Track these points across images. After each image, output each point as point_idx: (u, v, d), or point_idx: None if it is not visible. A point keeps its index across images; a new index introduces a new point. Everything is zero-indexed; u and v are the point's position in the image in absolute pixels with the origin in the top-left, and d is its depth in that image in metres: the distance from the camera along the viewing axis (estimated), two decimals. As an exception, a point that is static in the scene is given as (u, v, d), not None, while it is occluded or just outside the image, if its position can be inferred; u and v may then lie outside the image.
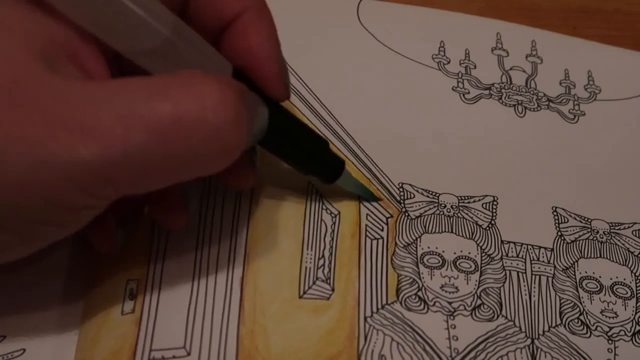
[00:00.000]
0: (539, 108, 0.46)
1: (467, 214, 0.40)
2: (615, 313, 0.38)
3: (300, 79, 0.44)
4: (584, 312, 0.38)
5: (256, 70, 0.33)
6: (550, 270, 0.39)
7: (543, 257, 0.39)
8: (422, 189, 0.40)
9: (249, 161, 0.35)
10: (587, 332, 0.37)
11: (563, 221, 0.41)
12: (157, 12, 0.29)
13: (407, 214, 0.39)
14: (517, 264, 0.39)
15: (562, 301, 0.38)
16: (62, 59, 0.29)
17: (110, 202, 0.30)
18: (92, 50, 0.30)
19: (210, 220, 0.37)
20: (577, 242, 0.40)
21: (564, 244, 0.40)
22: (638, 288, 0.39)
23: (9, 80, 0.27)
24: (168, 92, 0.28)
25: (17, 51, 0.28)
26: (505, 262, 0.38)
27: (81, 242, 0.37)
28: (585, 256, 0.40)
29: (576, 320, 0.37)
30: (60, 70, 0.28)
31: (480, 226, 0.39)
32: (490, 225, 0.40)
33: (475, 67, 0.47)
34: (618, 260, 0.40)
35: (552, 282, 0.38)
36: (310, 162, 0.37)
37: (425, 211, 0.40)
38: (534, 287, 0.38)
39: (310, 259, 0.37)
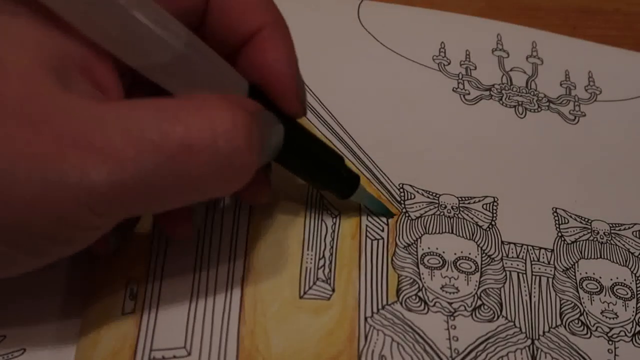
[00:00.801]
0: (539, 109, 0.46)
1: (467, 214, 0.40)
2: (616, 314, 0.38)
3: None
4: (584, 313, 0.38)
5: (273, 87, 0.33)
6: (551, 271, 0.39)
7: (543, 257, 0.39)
8: (423, 190, 0.40)
9: (263, 177, 0.35)
10: (587, 333, 0.37)
11: (563, 222, 0.41)
12: (169, 26, 0.29)
13: (407, 215, 0.39)
14: (518, 265, 0.39)
15: (562, 302, 0.38)
16: (75, 74, 0.29)
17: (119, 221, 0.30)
18: (106, 65, 0.30)
19: (211, 220, 0.37)
20: (578, 243, 0.40)
21: (564, 245, 0.40)
22: (638, 289, 0.39)
23: (21, 96, 0.27)
24: (180, 116, 0.28)
25: (30, 65, 0.27)
26: (506, 263, 0.38)
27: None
28: (586, 257, 0.40)
29: (576, 321, 0.37)
30: (73, 86, 0.28)
31: (480, 227, 0.39)
32: (490, 226, 0.40)
33: (475, 68, 0.47)
34: (618, 261, 0.40)
35: (553, 282, 0.38)
36: (326, 178, 0.37)
37: (426, 212, 0.40)
38: (534, 288, 0.38)
39: (311, 259, 0.37)
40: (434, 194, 0.40)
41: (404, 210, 0.39)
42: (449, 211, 0.40)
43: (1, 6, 0.28)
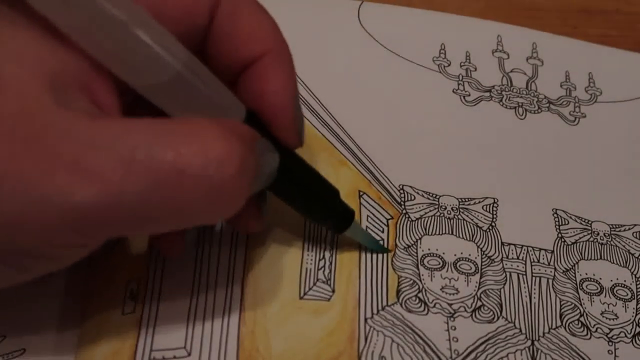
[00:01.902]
0: (539, 110, 0.46)
1: (467, 215, 0.40)
2: (616, 315, 0.38)
3: (301, 81, 0.44)
4: (584, 314, 0.38)
5: (270, 117, 0.33)
6: (551, 272, 0.39)
7: (543, 259, 0.39)
8: (423, 191, 0.40)
9: (255, 207, 0.34)
10: (587, 334, 0.37)
11: (563, 223, 0.41)
12: (169, 45, 0.29)
13: (407, 216, 0.39)
14: (518, 266, 0.39)
15: (562, 303, 0.38)
16: (72, 89, 0.28)
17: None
18: (105, 81, 0.29)
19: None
20: (578, 244, 0.40)
21: (565, 246, 0.40)
22: (638, 290, 0.39)
23: (15, 111, 0.27)
24: (172, 140, 0.27)
25: (28, 81, 0.27)
26: (506, 264, 0.38)
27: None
28: (586, 258, 0.40)
29: (576, 322, 0.37)
30: (69, 102, 0.28)
31: (480, 228, 0.39)
32: (490, 227, 0.40)
33: (475, 69, 0.47)
34: (618, 262, 0.40)
35: (553, 283, 0.38)
36: (319, 212, 0.36)
37: (426, 213, 0.40)
38: (534, 289, 0.38)
39: (311, 260, 0.37)
40: (434, 195, 0.40)
41: (404, 211, 0.39)
42: (449, 212, 0.40)
43: (2, 18, 0.28)
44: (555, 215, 0.41)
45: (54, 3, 0.27)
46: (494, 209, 0.40)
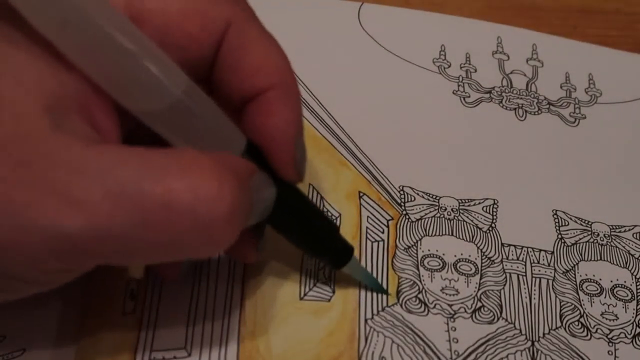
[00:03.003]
0: (539, 111, 0.46)
1: (467, 217, 0.40)
2: (616, 315, 0.38)
3: (302, 82, 0.44)
4: (584, 315, 0.38)
5: (271, 151, 0.32)
6: (551, 273, 0.39)
7: (543, 259, 0.39)
8: (423, 192, 0.41)
9: (252, 240, 0.34)
10: (587, 335, 0.37)
11: (563, 224, 0.41)
12: (169, 72, 0.28)
13: (407, 217, 0.39)
14: (518, 267, 0.39)
15: (562, 304, 0.38)
16: (70, 111, 0.28)
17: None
18: (104, 105, 0.29)
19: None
20: (578, 245, 0.40)
21: (565, 247, 0.40)
22: (638, 290, 0.39)
23: (9, 134, 0.26)
24: (163, 175, 0.27)
25: (25, 101, 0.27)
26: (506, 265, 0.39)
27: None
28: (586, 259, 0.40)
29: (576, 323, 0.37)
30: (66, 125, 0.27)
31: (480, 229, 0.39)
32: (490, 228, 0.40)
33: (475, 70, 0.47)
34: (618, 263, 0.40)
35: (553, 284, 0.38)
36: (317, 246, 0.35)
37: (426, 214, 0.40)
38: (534, 290, 0.38)
39: (311, 260, 0.37)
40: (434, 196, 0.40)
41: (404, 212, 0.39)
42: (449, 213, 0.40)
43: (3, 38, 0.28)
44: (555, 216, 0.41)
45: (56, 25, 0.27)
46: (494, 210, 0.40)
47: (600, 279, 0.39)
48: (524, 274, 0.38)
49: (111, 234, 0.26)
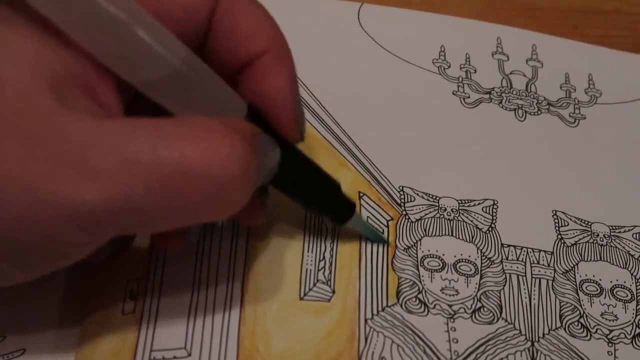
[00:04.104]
0: (539, 112, 0.46)
1: (467, 217, 0.40)
2: (616, 316, 0.38)
3: (301, 82, 0.44)
4: (584, 315, 0.38)
5: (271, 113, 0.33)
6: (551, 273, 0.39)
7: (543, 260, 0.39)
8: (423, 193, 0.41)
9: (258, 201, 0.35)
10: (587, 335, 0.37)
11: (563, 224, 0.41)
12: (168, 42, 0.29)
13: (407, 217, 0.39)
14: (517, 267, 0.39)
15: (562, 304, 0.38)
16: (73, 89, 0.28)
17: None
18: (106, 80, 0.29)
19: (211, 222, 0.37)
20: (578, 245, 0.40)
21: (564, 247, 0.40)
22: (638, 291, 0.39)
23: (18, 114, 0.27)
24: (176, 141, 0.27)
25: (29, 82, 0.27)
26: (505, 266, 0.39)
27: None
28: (586, 259, 0.40)
29: (576, 323, 0.37)
30: (71, 103, 0.28)
31: (480, 229, 0.40)
32: (490, 229, 0.40)
33: (475, 71, 0.47)
34: (618, 263, 0.40)
35: (552, 285, 0.38)
36: (321, 204, 0.36)
37: (426, 214, 0.40)
38: (534, 290, 0.38)
39: (311, 261, 0.37)
40: (434, 197, 0.40)
41: (404, 212, 0.39)
42: (448, 214, 0.40)
43: (1, 19, 0.28)
44: (555, 216, 0.41)
45: (53, 2, 0.27)
46: (494, 210, 0.40)
47: (600, 280, 0.39)
48: (524, 274, 0.38)
49: (130, 202, 0.27)
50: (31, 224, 0.27)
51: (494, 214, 0.40)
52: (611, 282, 0.39)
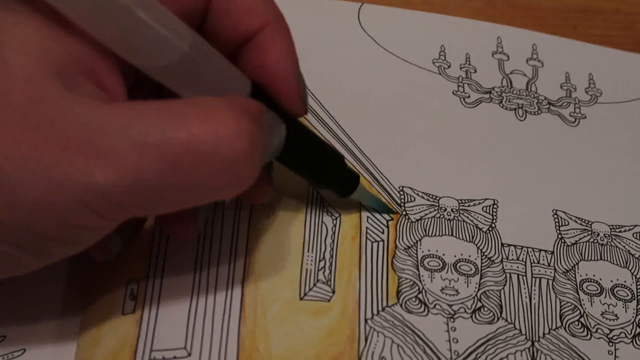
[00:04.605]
0: (539, 111, 0.46)
1: (467, 217, 0.40)
2: (616, 315, 0.38)
3: (301, 82, 0.44)
4: (585, 315, 0.38)
5: (274, 88, 0.33)
6: (551, 273, 0.39)
7: (543, 259, 0.39)
8: (423, 192, 0.41)
9: (265, 177, 0.35)
10: (587, 335, 0.37)
11: (563, 224, 0.41)
12: (174, 27, 0.29)
13: (407, 217, 0.39)
14: (518, 267, 0.39)
15: (562, 304, 0.38)
16: (78, 75, 0.29)
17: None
18: (110, 66, 0.30)
19: (211, 221, 0.37)
20: (578, 245, 0.40)
21: (565, 247, 0.40)
22: (638, 290, 0.39)
23: (27, 101, 0.27)
24: (183, 121, 0.28)
25: (35, 69, 0.28)
26: (506, 265, 0.39)
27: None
28: (586, 259, 0.40)
29: (576, 323, 0.37)
30: (77, 88, 0.28)
31: (480, 229, 0.39)
32: (490, 229, 0.40)
33: (475, 71, 0.47)
34: (619, 263, 0.40)
35: (553, 284, 0.38)
36: (326, 177, 0.37)
37: (426, 214, 0.40)
38: (534, 290, 0.38)
39: (311, 261, 0.37)
40: (434, 197, 0.40)
41: (404, 212, 0.39)
42: (449, 214, 0.40)
43: (4, 6, 0.28)
44: (555, 216, 0.41)
45: None
46: (494, 210, 0.40)
47: (601, 279, 0.39)
48: (524, 274, 0.38)
49: (141, 183, 0.28)
50: (46, 209, 0.27)
51: (494, 213, 0.40)
52: (611, 281, 0.39)
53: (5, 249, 0.28)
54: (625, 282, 0.39)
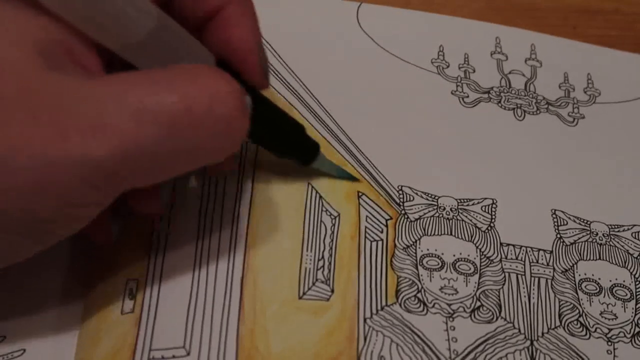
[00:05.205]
0: (538, 111, 0.46)
1: (466, 216, 0.40)
2: (615, 315, 0.38)
3: (301, 82, 0.44)
4: (583, 314, 0.38)
5: (238, 62, 0.34)
6: (550, 272, 0.39)
7: (542, 259, 0.39)
8: (422, 192, 0.41)
9: None
10: (586, 334, 0.37)
11: (562, 223, 0.41)
12: (140, 5, 0.29)
13: (406, 216, 0.39)
14: (516, 266, 0.39)
15: (561, 303, 0.38)
16: (60, 56, 0.29)
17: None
18: (86, 46, 0.30)
19: (210, 221, 0.37)
20: (577, 245, 0.40)
21: (563, 246, 0.40)
22: (637, 290, 0.39)
23: (13, 81, 0.27)
24: (175, 85, 0.28)
25: (18, 54, 0.28)
26: (505, 265, 0.39)
27: (81, 242, 0.37)
28: (585, 258, 0.40)
29: (575, 322, 0.37)
30: (61, 68, 0.28)
31: (479, 229, 0.40)
32: (489, 228, 0.40)
33: (474, 71, 0.47)
34: (617, 262, 0.40)
35: (552, 284, 0.38)
36: (288, 146, 0.38)
37: (425, 214, 0.40)
38: (533, 289, 0.38)
39: (310, 260, 0.37)
40: (433, 196, 0.40)
41: (403, 212, 0.39)
42: (447, 213, 0.40)
43: None
44: (554, 215, 0.41)
45: None
46: (493, 209, 0.40)
47: (599, 279, 0.39)
48: (523, 273, 0.38)
49: (140, 151, 0.28)
50: (44, 189, 0.27)
51: (493, 213, 0.40)
52: (610, 281, 0.39)
53: (5, 236, 0.28)
54: (624, 281, 0.39)
